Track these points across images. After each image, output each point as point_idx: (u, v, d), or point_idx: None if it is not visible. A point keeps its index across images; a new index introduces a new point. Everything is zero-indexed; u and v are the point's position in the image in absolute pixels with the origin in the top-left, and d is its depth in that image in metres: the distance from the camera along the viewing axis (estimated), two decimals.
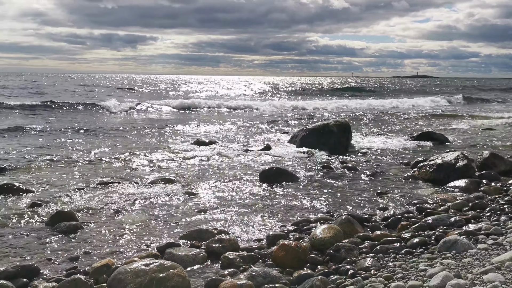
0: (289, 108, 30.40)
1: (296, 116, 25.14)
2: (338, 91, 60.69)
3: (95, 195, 7.86)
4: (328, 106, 31.82)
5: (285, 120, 22.24)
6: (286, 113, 27.23)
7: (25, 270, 4.64)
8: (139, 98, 36.67)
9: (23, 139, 14.40)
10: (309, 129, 13.32)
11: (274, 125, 19.87)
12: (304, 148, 12.65)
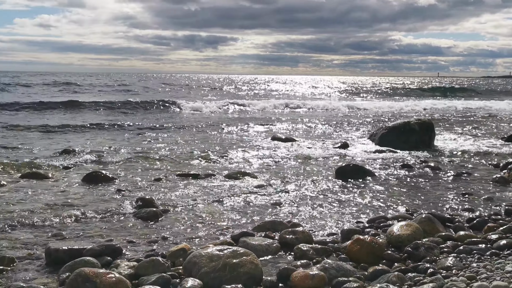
0: (371, 108, 29.37)
1: (377, 116, 24.44)
2: (423, 91, 58.05)
3: (175, 186, 8.16)
4: (415, 107, 30.43)
5: (366, 120, 21.69)
6: (367, 113, 26.52)
7: (109, 249, 4.92)
8: (221, 97, 37.61)
9: (109, 134, 15.35)
10: (388, 127, 12.88)
11: (353, 125, 19.45)
12: (383, 146, 12.25)
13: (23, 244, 5.32)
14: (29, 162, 9.75)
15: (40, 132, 15.23)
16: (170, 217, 6.39)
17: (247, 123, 19.19)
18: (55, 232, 5.70)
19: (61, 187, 7.96)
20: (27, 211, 6.51)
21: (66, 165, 9.71)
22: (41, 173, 8.84)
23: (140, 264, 4.45)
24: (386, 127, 13.03)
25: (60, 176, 8.78)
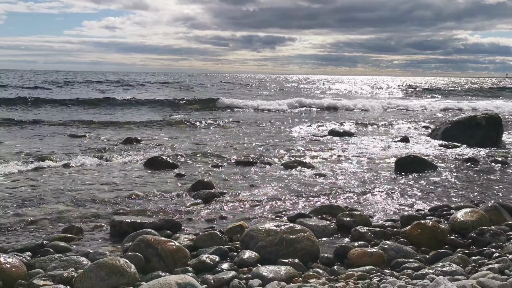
0: (438, 107, 27.80)
1: (442, 115, 23.54)
2: (490, 91, 55.05)
3: (233, 172, 8.29)
4: (483, 106, 28.74)
5: (430, 119, 20.95)
6: (434, 112, 25.45)
7: (170, 223, 5.08)
8: (286, 96, 37.52)
9: (175, 128, 15.84)
10: (453, 122, 12.37)
11: (415, 122, 18.83)
12: (446, 141, 11.78)
13: (90, 218, 5.61)
14: (96, 148, 10.27)
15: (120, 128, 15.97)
16: (227, 199, 6.50)
17: (311, 120, 19.13)
18: (119, 208, 5.97)
19: (125, 170, 8.31)
20: (94, 189, 6.86)
21: (128, 151, 10.13)
22: (102, 155, 9.29)
23: (198, 237, 4.56)
24: (450, 122, 12.53)
25: (124, 161, 9.16)
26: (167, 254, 3.93)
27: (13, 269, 3.69)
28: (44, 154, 9.44)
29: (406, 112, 24.54)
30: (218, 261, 3.97)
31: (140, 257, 3.85)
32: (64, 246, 4.52)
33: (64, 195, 6.53)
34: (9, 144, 11.11)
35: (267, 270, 3.68)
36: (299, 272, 3.79)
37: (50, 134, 12.99)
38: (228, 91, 40.85)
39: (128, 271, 3.55)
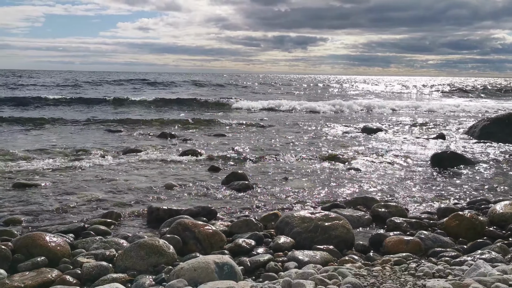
0: (480, 107, 26.60)
1: (480, 114, 22.94)
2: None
3: (267, 165, 8.34)
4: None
5: (468, 119, 20.46)
6: (474, 112, 24.65)
7: (205, 211, 5.17)
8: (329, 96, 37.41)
9: (204, 126, 16.06)
10: (491, 119, 12.05)
11: (451, 121, 18.43)
12: (484, 139, 11.48)
13: (128, 205, 5.77)
14: (132, 143, 10.52)
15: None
16: (261, 190, 6.55)
17: (349, 119, 19.02)
18: (155, 197, 6.12)
19: (160, 162, 8.49)
20: (131, 179, 7.05)
21: (163, 144, 10.35)
22: (138, 149, 9.52)
23: (234, 223, 4.63)
24: (488, 119, 12.21)
25: (159, 153, 9.35)
26: (204, 237, 4.02)
27: (58, 247, 3.85)
28: (84, 148, 9.76)
29: (452, 111, 23.91)
30: (254, 245, 4.02)
31: (178, 239, 3.94)
32: (104, 229, 4.68)
33: (103, 184, 6.73)
34: (53, 138, 11.53)
35: (302, 254, 3.72)
36: (334, 258, 3.80)
37: (92, 129, 13.45)
38: (277, 91, 39.85)
39: (167, 251, 3.65)
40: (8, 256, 3.64)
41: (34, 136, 11.86)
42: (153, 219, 5.16)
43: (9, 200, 5.86)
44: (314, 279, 2.85)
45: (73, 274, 3.41)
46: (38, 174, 7.33)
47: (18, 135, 11.98)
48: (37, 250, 3.74)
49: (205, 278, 3.15)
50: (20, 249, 3.77)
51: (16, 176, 7.15)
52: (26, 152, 9.07)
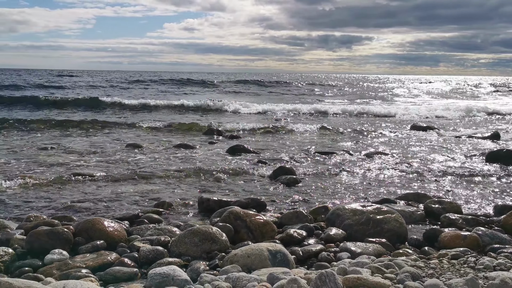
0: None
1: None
2: None
3: (314, 161, 8.31)
4: None
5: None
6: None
7: (255, 202, 5.22)
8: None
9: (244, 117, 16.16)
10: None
11: (506, 121, 17.68)
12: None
13: (179, 195, 5.90)
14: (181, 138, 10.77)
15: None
16: (309, 184, 6.53)
17: (391, 115, 18.66)
18: (205, 189, 6.22)
19: (209, 156, 8.63)
20: (182, 171, 7.20)
21: (212, 141, 10.51)
22: (190, 145, 9.68)
23: (284, 214, 4.64)
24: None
25: (207, 148, 9.51)
26: (255, 226, 4.05)
27: (116, 232, 3.99)
28: (137, 143, 10.06)
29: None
30: (305, 236, 4.02)
31: (230, 228, 4.00)
32: (156, 218, 4.81)
33: (154, 176, 6.91)
34: (105, 133, 11.96)
35: (355, 245, 3.68)
36: (387, 251, 3.74)
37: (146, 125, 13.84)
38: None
39: (220, 238, 3.71)
40: (70, 239, 3.80)
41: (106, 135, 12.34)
42: (203, 209, 5.26)
43: (68, 189, 6.13)
44: (371, 267, 2.82)
45: (130, 257, 3.53)
46: (93, 165, 7.62)
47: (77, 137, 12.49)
48: (96, 234, 3.90)
49: (259, 264, 3.18)
50: (81, 233, 3.93)
51: (73, 167, 7.46)
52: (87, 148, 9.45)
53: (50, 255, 3.53)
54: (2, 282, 2.28)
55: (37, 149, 9.04)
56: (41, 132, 11.80)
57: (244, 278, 2.74)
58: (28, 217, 4.75)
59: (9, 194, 5.81)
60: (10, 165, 7.54)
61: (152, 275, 2.87)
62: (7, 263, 3.51)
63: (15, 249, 3.71)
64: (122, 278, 3.17)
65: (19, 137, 10.91)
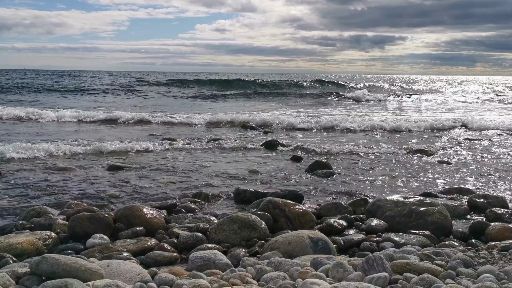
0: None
1: None
2: None
3: (350, 156, 8.18)
4: None
5: None
6: None
7: (292, 194, 5.14)
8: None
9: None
10: None
11: None
12: None
13: (215, 186, 5.90)
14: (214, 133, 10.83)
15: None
16: (345, 178, 6.42)
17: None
18: (240, 181, 6.20)
19: (244, 151, 8.63)
20: (218, 165, 7.22)
21: (247, 136, 10.53)
22: (221, 138, 9.73)
23: (323, 205, 4.57)
24: None
25: (242, 143, 9.51)
26: (294, 216, 3.99)
27: (154, 220, 4.00)
28: (173, 137, 10.17)
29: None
30: (345, 226, 3.93)
31: (269, 217, 3.95)
32: (193, 207, 4.82)
33: (192, 169, 6.94)
34: (147, 128, 12.15)
35: (398, 236, 3.58)
36: (431, 243, 3.61)
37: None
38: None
39: (259, 226, 3.67)
40: (110, 224, 3.84)
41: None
42: (240, 200, 5.24)
43: (107, 178, 6.22)
44: (419, 255, 2.72)
45: (170, 243, 3.53)
46: (131, 157, 7.72)
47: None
48: (136, 221, 3.92)
49: (300, 251, 3.13)
50: (121, 219, 3.97)
51: (110, 159, 7.58)
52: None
53: (91, 239, 3.58)
54: (49, 257, 2.30)
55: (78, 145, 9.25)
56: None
57: (287, 263, 2.69)
58: (69, 204, 4.85)
59: (48, 183, 5.94)
60: (51, 157, 7.74)
61: (193, 258, 2.86)
62: (50, 246, 3.57)
63: (57, 233, 3.78)
64: (162, 262, 3.17)
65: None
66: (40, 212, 4.49)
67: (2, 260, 3.05)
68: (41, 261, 2.30)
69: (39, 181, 5.98)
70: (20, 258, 3.27)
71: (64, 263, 2.26)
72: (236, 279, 2.36)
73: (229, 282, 2.35)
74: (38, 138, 9.76)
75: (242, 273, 2.46)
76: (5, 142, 8.64)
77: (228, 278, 2.42)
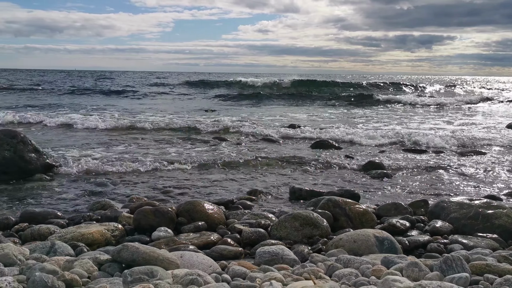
0: None
1: None
2: None
3: (403, 157, 8.03)
4: None
5: None
6: None
7: (348, 193, 5.10)
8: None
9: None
10: None
11: None
12: None
13: (270, 184, 5.94)
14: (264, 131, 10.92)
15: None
16: (400, 179, 6.30)
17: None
18: (293, 179, 6.20)
19: (294, 148, 8.63)
20: (269, 163, 7.26)
21: (293, 134, 10.55)
22: (272, 139, 9.77)
23: (383, 205, 4.50)
24: None
25: (291, 142, 9.52)
26: (355, 215, 3.96)
27: (215, 215, 4.07)
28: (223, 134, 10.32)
29: None
30: (408, 226, 3.86)
31: (329, 215, 3.93)
32: (250, 204, 4.87)
33: (243, 165, 7.02)
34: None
35: (466, 238, 3.48)
36: (500, 246, 3.49)
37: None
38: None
39: (321, 223, 3.66)
40: (173, 218, 3.94)
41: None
42: (295, 198, 5.26)
43: (161, 176, 6.38)
44: (496, 256, 2.63)
45: (233, 238, 3.57)
46: (185, 155, 7.88)
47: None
48: (198, 215, 4.00)
49: (365, 250, 3.09)
50: (183, 213, 4.06)
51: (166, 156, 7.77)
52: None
53: (157, 232, 3.68)
54: (129, 246, 2.39)
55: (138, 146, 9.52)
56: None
57: (356, 260, 2.67)
58: (131, 198, 5.01)
59: (111, 179, 6.14)
60: (108, 154, 8.01)
61: (260, 253, 2.88)
62: (117, 237, 3.70)
63: (123, 225, 3.91)
64: (227, 256, 3.22)
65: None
66: (104, 205, 4.67)
67: (77, 249, 3.18)
68: (122, 249, 2.39)
69: (98, 177, 6.21)
70: (91, 247, 3.42)
71: (143, 252, 2.34)
72: (309, 274, 2.37)
73: (302, 276, 2.35)
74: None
75: (315, 269, 2.46)
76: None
77: (300, 273, 2.43)
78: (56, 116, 13.49)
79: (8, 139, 6.22)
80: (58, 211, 4.49)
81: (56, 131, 10.99)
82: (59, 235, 3.50)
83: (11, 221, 4.17)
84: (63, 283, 2.11)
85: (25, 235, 3.77)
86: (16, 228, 3.99)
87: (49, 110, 16.34)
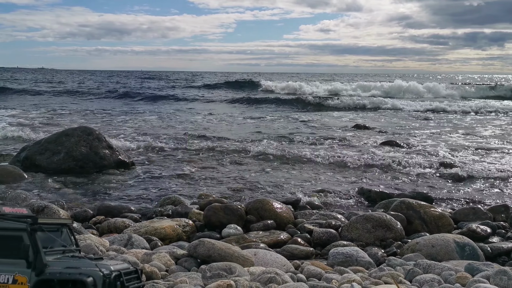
0: None
1: None
2: None
3: (478, 159, 7.63)
4: None
5: None
6: None
7: (420, 196, 4.89)
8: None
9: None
10: None
11: None
12: None
13: (337, 184, 5.84)
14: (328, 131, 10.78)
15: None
16: (475, 182, 5.99)
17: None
18: (362, 181, 6.05)
19: (364, 147, 8.49)
20: (338, 163, 7.15)
21: (361, 134, 10.35)
22: (332, 137, 9.63)
23: (460, 209, 4.29)
24: None
25: (363, 139, 9.36)
26: (430, 218, 3.79)
27: (284, 214, 4.05)
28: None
29: None
30: (489, 233, 3.64)
31: (402, 217, 3.79)
32: (318, 204, 4.80)
33: (309, 164, 6.96)
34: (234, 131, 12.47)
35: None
36: None
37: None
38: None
39: (395, 226, 3.53)
40: (243, 216, 3.96)
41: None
42: (365, 199, 5.13)
43: (226, 172, 6.45)
44: None
45: (303, 237, 3.54)
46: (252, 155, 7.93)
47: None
48: (266, 214, 4.00)
49: (444, 255, 2.95)
50: (252, 211, 4.07)
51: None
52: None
53: (227, 229, 3.71)
54: (206, 241, 2.42)
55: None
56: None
57: (437, 266, 2.54)
58: (200, 194, 5.10)
59: (179, 176, 6.29)
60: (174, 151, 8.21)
61: (334, 253, 2.83)
62: (188, 233, 3.77)
63: (193, 221, 3.98)
64: (298, 255, 3.18)
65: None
66: (174, 200, 4.77)
67: (151, 243, 3.28)
68: (198, 245, 2.42)
69: (166, 173, 6.38)
70: (163, 242, 3.50)
71: (219, 248, 2.36)
72: (388, 278, 2.28)
73: (381, 280, 2.27)
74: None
75: (394, 272, 2.37)
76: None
77: (379, 276, 2.34)
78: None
79: (85, 136, 6.55)
80: (131, 205, 4.66)
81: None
82: (133, 229, 3.62)
83: (89, 214, 4.38)
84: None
85: (102, 227, 3.94)
86: (94, 220, 4.19)
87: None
